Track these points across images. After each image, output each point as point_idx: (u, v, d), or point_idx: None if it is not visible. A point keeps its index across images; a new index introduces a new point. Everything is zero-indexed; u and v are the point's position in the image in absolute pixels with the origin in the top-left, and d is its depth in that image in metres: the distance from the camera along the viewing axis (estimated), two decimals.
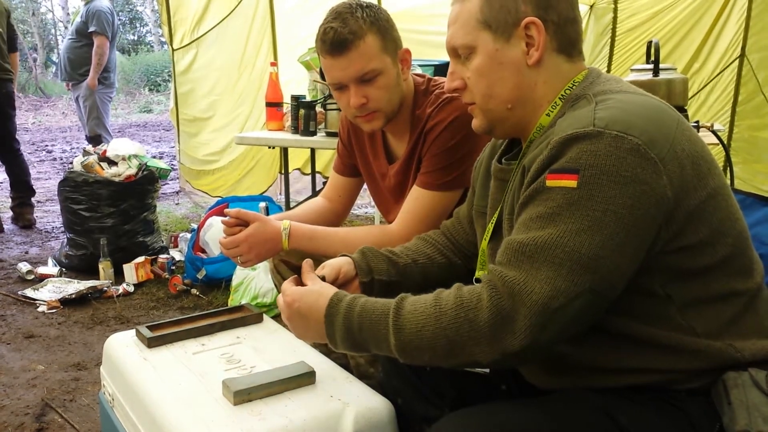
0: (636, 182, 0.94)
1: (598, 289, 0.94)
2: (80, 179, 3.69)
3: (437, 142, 1.67)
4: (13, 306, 3.30)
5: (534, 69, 1.10)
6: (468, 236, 1.42)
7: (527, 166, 1.05)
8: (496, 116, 1.16)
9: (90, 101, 5.56)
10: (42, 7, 20.12)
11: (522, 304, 0.94)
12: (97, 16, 5.35)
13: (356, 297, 1.11)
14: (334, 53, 1.62)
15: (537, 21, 1.08)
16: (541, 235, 0.96)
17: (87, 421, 2.18)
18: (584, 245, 0.93)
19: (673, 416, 1.00)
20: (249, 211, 1.71)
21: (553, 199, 0.97)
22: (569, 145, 0.97)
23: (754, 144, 4.64)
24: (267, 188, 5.26)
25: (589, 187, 0.94)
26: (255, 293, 3.08)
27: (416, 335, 1.01)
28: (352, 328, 1.07)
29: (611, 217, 0.93)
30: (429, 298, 1.03)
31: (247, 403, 1.22)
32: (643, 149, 0.94)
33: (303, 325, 1.15)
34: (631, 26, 4.78)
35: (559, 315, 0.93)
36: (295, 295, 1.16)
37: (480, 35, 1.11)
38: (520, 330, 0.93)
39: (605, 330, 1.01)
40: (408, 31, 4.07)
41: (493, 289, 0.97)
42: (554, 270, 0.94)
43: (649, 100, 1.05)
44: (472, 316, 0.97)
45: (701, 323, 1.00)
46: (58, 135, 11.08)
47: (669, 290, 1.00)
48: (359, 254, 1.38)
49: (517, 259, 0.97)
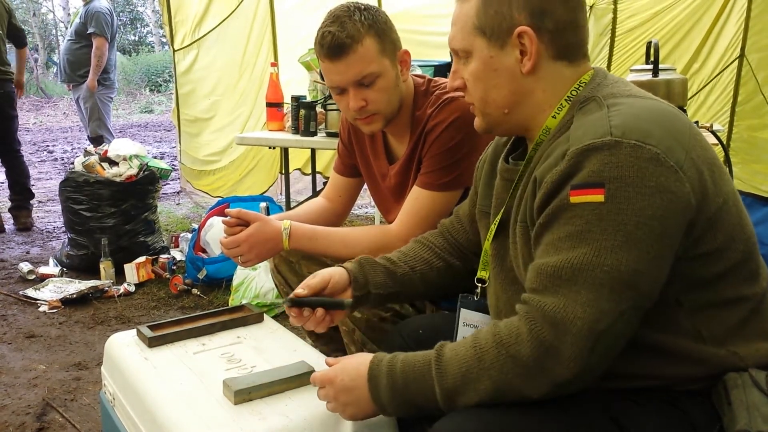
0: (662, 191, 0.92)
1: (638, 305, 0.93)
2: (81, 179, 3.70)
3: (437, 142, 1.67)
4: (15, 306, 3.30)
5: (530, 77, 1.09)
6: (468, 235, 1.41)
7: (539, 177, 1.02)
8: (493, 119, 1.15)
9: (90, 103, 5.55)
10: (43, 7, 20.13)
11: (566, 332, 0.92)
12: (95, 17, 5.34)
13: (396, 354, 1.08)
14: (332, 57, 1.62)
15: (528, 30, 1.06)
16: (575, 255, 0.93)
17: (88, 420, 2.19)
18: (623, 262, 0.92)
19: (673, 417, 1.00)
20: (250, 211, 1.71)
21: (580, 216, 0.94)
22: (587, 156, 0.94)
23: (753, 144, 4.65)
24: (267, 188, 5.27)
25: (617, 201, 0.92)
26: (256, 293, 3.09)
27: (461, 380, 0.99)
28: (396, 385, 1.04)
29: (644, 229, 0.92)
30: (468, 340, 1.02)
31: (248, 402, 1.22)
32: (662, 157, 0.93)
33: (352, 399, 1.09)
34: (630, 27, 4.79)
35: (606, 336, 0.92)
36: (336, 370, 1.11)
37: (475, 40, 1.10)
38: (568, 358, 0.92)
39: None
40: (407, 32, 4.07)
41: (531, 321, 0.95)
42: (595, 291, 0.92)
43: (661, 106, 1.03)
44: (514, 352, 0.95)
45: (708, 328, 1.00)
46: (59, 135, 11.08)
47: (680, 296, 0.99)
48: (356, 266, 1.36)
49: (554, 284, 0.95)
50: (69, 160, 8.10)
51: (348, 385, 1.10)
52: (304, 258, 1.83)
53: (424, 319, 1.37)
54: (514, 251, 1.13)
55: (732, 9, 4.48)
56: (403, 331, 1.34)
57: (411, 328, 1.34)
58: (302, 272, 1.85)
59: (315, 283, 1.31)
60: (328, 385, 1.12)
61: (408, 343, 1.30)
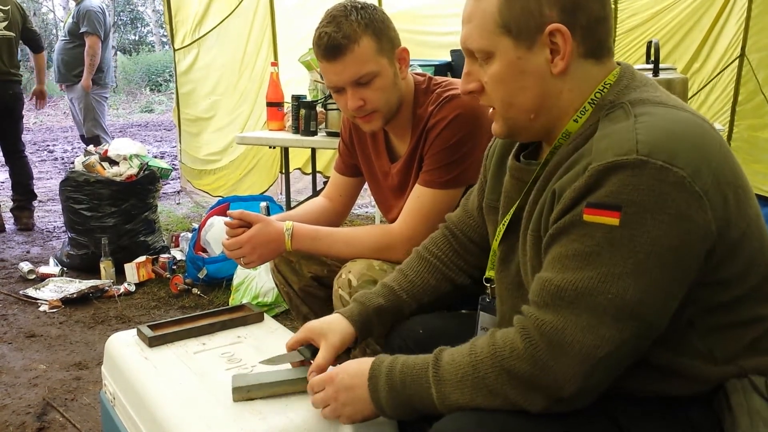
0: (681, 220, 0.88)
1: (644, 334, 0.91)
2: (81, 179, 3.70)
3: (439, 140, 1.67)
4: (15, 305, 3.30)
5: (559, 77, 1.01)
6: (480, 229, 1.36)
7: (559, 190, 0.97)
8: (518, 124, 1.08)
9: (85, 102, 5.49)
10: (43, 7, 20.13)
11: (563, 353, 0.91)
12: (87, 16, 5.30)
13: (397, 356, 1.08)
14: (329, 58, 1.62)
15: (563, 29, 0.98)
16: (580, 278, 0.91)
17: (88, 420, 2.19)
18: (628, 291, 0.89)
19: (674, 421, 1.00)
20: (252, 213, 1.71)
21: (591, 237, 0.90)
22: (610, 174, 0.89)
23: (753, 144, 4.64)
24: (268, 188, 5.27)
25: (632, 227, 0.88)
26: (256, 292, 3.09)
27: (457, 386, 0.99)
28: (395, 385, 1.05)
29: (655, 259, 0.88)
30: (465, 347, 1.01)
31: (248, 402, 1.23)
32: (688, 182, 0.88)
33: (352, 398, 1.09)
34: (631, 26, 4.77)
35: (605, 362, 0.91)
36: (337, 370, 1.12)
37: (499, 40, 1.01)
38: (563, 379, 0.91)
39: None
40: (408, 32, 4.08)
41: (527, 337, 0.94)
42: (597, 318, 0.90)
43: (692, 119, 0.97)
44: (508, 366, 0.95)
45: (720, 348, 0.98)
46: (59, 135, 11.09)
47: (694, 318, 0.96)
48: (360, 315, 1.31)
49: (555, 303, 0.93)
50: (69, 160, 8.11)
51: (348, 383, 1.09)
52: (304, 257, 1.83)
53: (424, 319, 1.36)
54: (523, 258, 1.10)
55: (732, 9, 4.48)
56: (402, 332, 1.33)
57: (411, 328, 1.33)
58: (302, 272, 1.86)
59: (332, 347, 1.26)
60: (328, 384, 1.12)
61: (407, 343, 1.29)
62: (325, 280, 1.85)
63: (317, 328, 1.29)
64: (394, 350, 1.28)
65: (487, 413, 0.98)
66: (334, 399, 1.11)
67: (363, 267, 1.64)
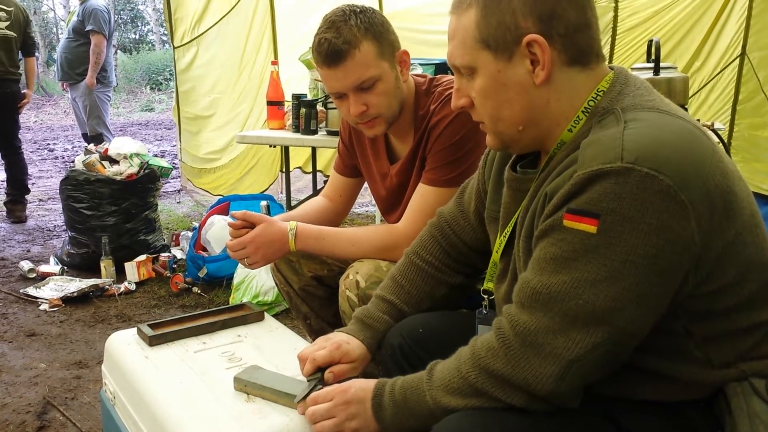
0: (661, 229, 0.87)
1: (617, 340, 0.91)
2: (82, 178, 3.70)
3: (441, 138, 1.66)
4: (15, 304, 3.30)
5: (543, 87, 1.01)
6: (474, 232, 1.37)
7: (550, 193, 0.98)
8: (508, 137, 1.08)
9: (89, 101, 5.58)
10: (43, 6, 20.12)
11: (535, 354, 0.94)
12: (93, 14, 5.39)
13: (397, 378, 1.12)
14: (330, 64, 1.61)
15: (539, 39, 0.98)
16: (555, 282, 0.93)
17: (88, 419, 2.19)
18: (599, 297, 0.90)
19: (675, 423, 1.00)
20: (255, 213, 1.71)
21: (569, 242, 0.92)
22: (593, 182, 0.89)
23: (754, 143, 4.65)
24: (268, 187, 5.26)
25: (609, 235, 0.88)
26: (256, 292, 3.09)
27: (447, 390, 1.03)
28: (396, 401, 1.09)
29: (630, 268, 0.88)
30: (454, 354, 1.06)
31: (248, 401, 1.23)
32: (673, 191, 0.87)
33: (360, 411, 1.12)
34: (631, 25, 4.77)
35: (577, 366, 0.92)
36: (348, 383, 1.16)
37: (479, 55, 1.02)
38: (536, 380, 0.94)
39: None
40: (408, 30, 4.09)
41: (502, 336, 0.98)
42: (568, 322, 0.92)
43: (684, 125, 0.95)
44: (485, 364, 0.99)
45: (719, 355, 0.98)
46: (59, 134, 11.09)
47: (689, 327, 0.97)
48: (375, 339, 1.34)
49: (530, 305, 0.96)
50: (69, 159, 8.11)
51: (359, 395, 1.12)
52: (305, 257, 1.83)
53: (424, 318, 1.36)
54: (518, 264, 1.11)
55: (733, 7, 4.48)
56: (402, 331, 1.33)
57: (411, 327, 1.33)
58: (302, 271, 1.85)
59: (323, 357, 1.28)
60: (339, 394, 1.13)
61: (408, 342, 1.29)
62: (325, 280, 1.85)
63: (346, 353, 1.30)
64: (393, 347, 1.30)
65: (488, 414, 0.99)
66: (344, 409, 1.13)
67: (371, 268, 1.64)
